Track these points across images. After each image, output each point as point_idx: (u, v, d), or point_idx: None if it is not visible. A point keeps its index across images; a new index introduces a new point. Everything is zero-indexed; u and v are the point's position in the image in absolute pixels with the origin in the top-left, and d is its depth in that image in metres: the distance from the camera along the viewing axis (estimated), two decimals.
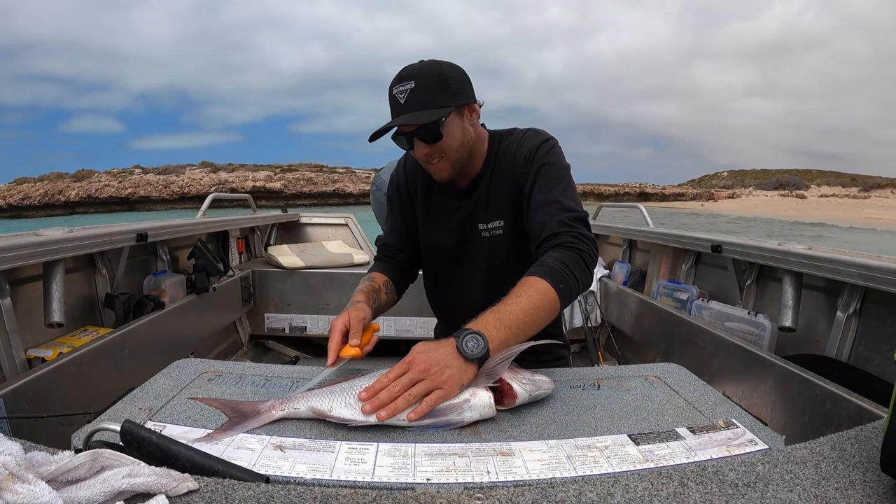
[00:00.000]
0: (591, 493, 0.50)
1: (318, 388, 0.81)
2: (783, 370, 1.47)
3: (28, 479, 0.43)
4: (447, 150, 1.09)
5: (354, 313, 0.99)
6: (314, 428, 0.74)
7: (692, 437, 0.71)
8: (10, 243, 1.34)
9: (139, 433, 0.55)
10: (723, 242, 2.01)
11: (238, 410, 0.75)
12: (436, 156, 1.10)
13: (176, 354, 1.20)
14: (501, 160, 1.17)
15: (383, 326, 2.77)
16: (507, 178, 1.16)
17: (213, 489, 0.49)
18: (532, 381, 0.84)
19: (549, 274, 0.94)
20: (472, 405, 0.76)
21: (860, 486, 0.51)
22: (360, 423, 0.73)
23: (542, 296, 0.92)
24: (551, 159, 1.12)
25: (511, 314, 0.87)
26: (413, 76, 1.04)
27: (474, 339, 0.81)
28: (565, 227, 1.03)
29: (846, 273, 1.42)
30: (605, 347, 2.97)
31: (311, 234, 3.80)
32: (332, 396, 0.77)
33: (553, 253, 1.00)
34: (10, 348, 1.41)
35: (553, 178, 1.10)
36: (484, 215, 1.18)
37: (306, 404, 0.76)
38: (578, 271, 0.98)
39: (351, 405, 0.75)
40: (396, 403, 0.74)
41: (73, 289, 1.75)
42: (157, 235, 2.03)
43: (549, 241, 1.03)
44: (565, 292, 0.95)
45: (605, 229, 3.38)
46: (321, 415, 0.74)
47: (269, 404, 0.76)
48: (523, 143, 1.15)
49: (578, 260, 0.99)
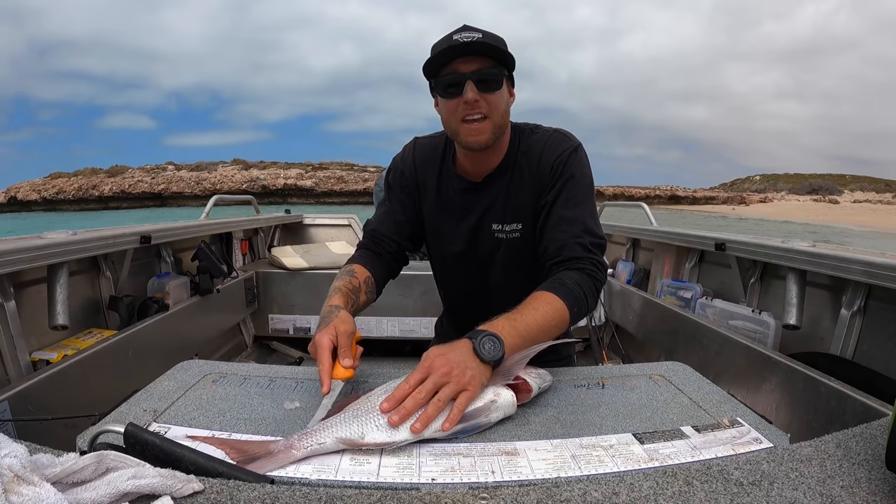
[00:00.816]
0: (596, 493, 0.50)
1: (337, 415, 0.73)
2: (788, 368, 1.46)
3: (33, 482, 0.43)
4: (495, 109, 1.03)
5: (342, 327, 0.89)
6: None
7: (697, 436, 0.71)
8: (14, 246, 1.34)
9: (143, 436, 0.55)
10: (726, 241, 2.01)
11: (243, 452, 0.64)
12: (482, 109, 1.02)
13: (180, 356, 1.20)
14: (524, 159, 1.12)
15: (387, 327, 2.78)
16: (529, 181, 1.11)
17: (218, 490, 0.49)
18: (539, 375, 0.85)
19: (568, 295, 0.95)
20: (499, 405, 0.76)
21: (865, 484, 0.51)
22: (399, 443, 0.67)
23: (557, 313, 0.92)
24: (578, 173, 1.08)
25: (526, 324, 0.87)
26: (481, 32, 1.00)
27: (491, 341, 0.80)
28: (586, 252, 1.03)
29: (850, 270, 1.42)
30: (609, 346, 2.96)
31: (314, 235, 3.81)
32: (359, 421, 0.69)
33: (572, 275, 1.00)
34: (14, 351, 1.41)
35: (579, 195, 1.07)
36: (501, 216, 1.14)
37: (333, 436, 0.67)
38: (591, 298, 0.99)
39: (383, 427, 0.69)
40: (428, 412, 0.70)
41: (78, 291, 1.76)
42: (160, 237, 2.03)
43: (569, 262, 1.02)
44: (576, 315, 0.96)
45: (608, 228, 3.37)
46: (353, 444, 0.67)
47: (286, 443, 0.66)
48: (550, 148, 1.10)
49: (593, 287, 1.00)
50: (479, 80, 0.99)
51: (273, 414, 0.80)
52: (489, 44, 0.98)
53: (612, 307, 2.92)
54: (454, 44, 0.98)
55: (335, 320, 0.91)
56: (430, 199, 1.21)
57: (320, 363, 0.83)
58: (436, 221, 1.22)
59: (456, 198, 1.17)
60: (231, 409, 0.81)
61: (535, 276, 1.04)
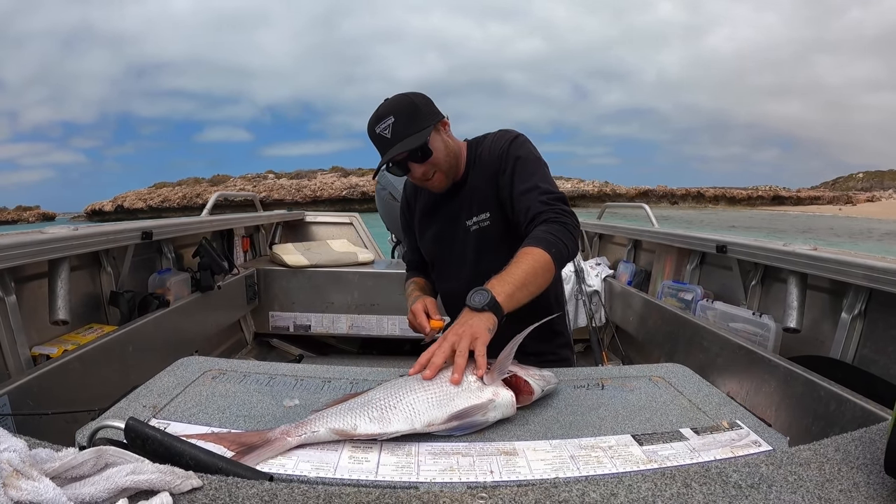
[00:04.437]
0: (594, 494, 0.50)
1: (333, 406, 0.74)
2: (787, 371, 1.46)
3: (32, 476, 0.43)
4: (439, 163, 1.21)
5: (429, 300, 1.23)
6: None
7: (696, 438, 0.71)
8: (15, 241, 1.34)
9: (143, 431, 0.55)
10: (727, 243, 2.00)
11: (241, 443, 0.66)
12: (430, 172, 1.21)
13: (180, 352, 1.20)
14: (479, 162, 1.29)
15: (387, 326, 2.78)
16: (485, 174, 1.27)
17: (217, 487, 0.49)
18: (543, 377, 0.85)
19: (541, 242, 1.06)
20: (497, 405, 0.76)
21: (864, 489, 0.51)
22: (391, 435, 0.69)
23: (539, 258, 1.03)
24: (524, 153, 1.23)
25: (512, 275, 0.98)
26: (390, 111, 1.16)
27: (479, 293, 0.93)
28: (547, 206, 1.14)
29: (851, 274, 1.41)
30: (609, 347, 2.96)
31: (315, 233, 3.81)
32: (352, 413, 0.71)
33: (540, 227, 1.11)
34: (15, 345, 1.41)
35: (528, 168, 1.21)
36: (469, 210, 1.29)
37: (326, 426, 0.69)
38: (566, 238, 1.09)
39: (376, 419, 0.70)
40: (457, 362, 0.81)
41: (79, 287, 1.76)
42: (161, 234, 2.03)
43: (535, 220, 1.14)
44: (557, 256, 1.06)
45: (609, 229, 3.37)
46: (345, 435, 0.68)
47: (282, 430, 0.68)
48: (495, 143, 1.27)
49: (563, 229, 1.10)
50: (415, 158, 1.18)
51: (272, 411, 0.80)
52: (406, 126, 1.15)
53: (613, 308, 2.92)
54: (381, 137, 1.16)
55: (422, 296, 1.25)
56: (418, 215, 1.42)
57: (420, 322, 1.17)
58: (421, 228, 1.42)
59: (435, 205, 1.37)
60: (230, 405, 0.81)
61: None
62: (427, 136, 1.17)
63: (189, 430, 0.71)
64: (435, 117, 1.21)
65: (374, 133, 1.18)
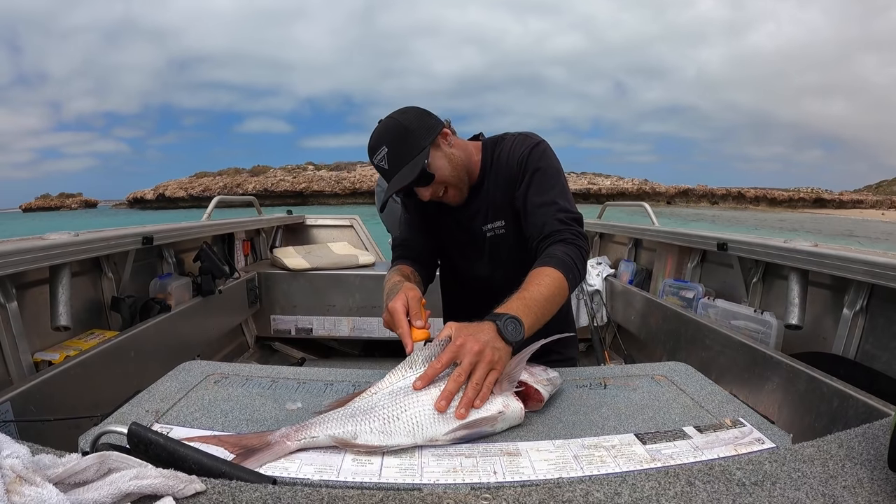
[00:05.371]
0: (598, 493, 0.50)
1: (335, 410, 0.73)
2: (790, 368, 1.46)
3: (35, 482, 0.43)
4: (446, 180, 1.17)
5: (411, 293, 0.98)
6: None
7: (699, 436, 0.71)
8: (16, 247, 1.34)
9: (146, 435, 0.55)
10: (728, 240, 2.00)
11: (241, 445, 0.66)
12: (440, 189, 1.18)
13: (182, 357, 1.20)
14: (496, 165, 1.25)
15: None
16: (502, 182, 1.23)
17: (220, 491, 0.49)
18: (551, 382, 0.84)
19: (561, 265, 1.01)
20: (506, 417, 0.74)
21: (868, 485, 0.51)
22: (391, 447, 0.67)
23: (557, 283, 0.98)
24: (544, 164, 1.18)
25: (535, 300, 0.92)
26: (382, 141, 1.12)
27: (513, 323, 0.85)
28: (564, 225, 1.11)
29: (852, 270, 1.41)
30: (611, 346, 2.96)
31: (316, 236, 3.81)
32: (354, 420, 0.69)
33: (558, 247, 1.07)
34: (17, 352, 1.41)
35: (548, 182, 1.17)
36: (486, 217, 1.26)
37: (325, 432, 0.68)
38: (579, 264, 1.06)
39: (377, 430, 0.68)
40: (468, 395, 0.74)
41: (80, 292, 1.76)
42: (162, 238, 2.04)
43: (551, 237, 1.10)
44: (572, 281, 1.02)
45: (610, 228, 3.37)
46: (344, 443, 0.67)
47: (281, 434, 0.67)
48: (515, 148, 1.22)
49: (579, 254, 1.07)
50: (418, 184, 1.13)
51: (275, 415, 0.80)
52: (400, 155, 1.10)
53: (615, 307, 2.92)
54: (380, 168, 1.12)
55: (403, 289, 1.00)
56: (432, 208, 1.32)
57: (399, 326, 0.92)
58: (440, 224, 1.34)
59: (451, 210, 1.29)
60: (233, 409, 0.81)
61: (524, 268, 1.08)
62: (424, 160, 1.10)
63: (192, 434, 0.71)
64: (430, 133, 1.14)
65: (372, 163, 1.14)
